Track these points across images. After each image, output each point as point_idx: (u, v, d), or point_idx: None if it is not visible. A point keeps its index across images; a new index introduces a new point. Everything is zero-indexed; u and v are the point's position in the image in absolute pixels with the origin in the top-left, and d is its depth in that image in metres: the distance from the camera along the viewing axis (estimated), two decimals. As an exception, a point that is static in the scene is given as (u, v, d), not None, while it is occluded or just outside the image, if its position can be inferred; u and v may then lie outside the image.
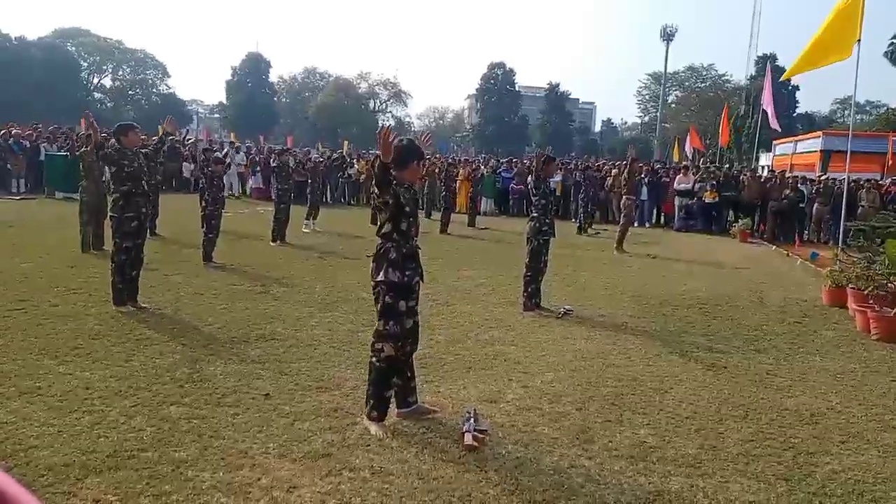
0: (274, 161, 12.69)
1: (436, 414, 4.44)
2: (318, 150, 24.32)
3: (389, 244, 4.16)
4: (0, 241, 10.19)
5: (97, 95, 64.53)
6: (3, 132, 19.90)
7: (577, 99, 79.14)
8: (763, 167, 27.09)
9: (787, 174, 19.75)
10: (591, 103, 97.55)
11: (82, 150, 10.22)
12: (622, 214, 13.80)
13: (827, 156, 21.05)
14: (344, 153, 24.41)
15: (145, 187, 6.82)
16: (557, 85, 67.37)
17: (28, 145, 19.15)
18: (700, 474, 3.82)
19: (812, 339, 7.16)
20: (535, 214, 7.70)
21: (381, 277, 4.15)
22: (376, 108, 71.93)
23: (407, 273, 4.19)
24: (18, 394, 4.43)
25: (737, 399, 5.12)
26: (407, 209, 4.20)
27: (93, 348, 5.43)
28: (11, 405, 4.23)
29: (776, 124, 22.74)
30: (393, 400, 4.35)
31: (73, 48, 60.96)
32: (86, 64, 62.86)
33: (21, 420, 4.01)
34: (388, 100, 71.83)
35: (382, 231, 4.20)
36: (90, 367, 4.98)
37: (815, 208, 17.76)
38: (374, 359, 4.26)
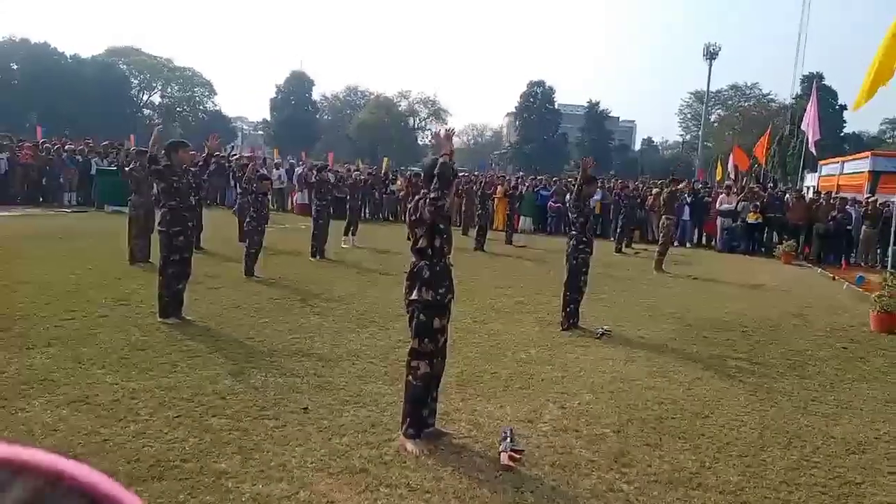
0: (314, 177, 12.84)
1: (451, 436, 4.40)
2: (357, 167, 24.62)
3: (423, 262, 4.20)
4: (51, 253, 10.54)
5: (146, 112, 66.51)
6: (56, 147, 20.65)
7: (618, 117, 78.76)
8: (808, 188, 26.49)
9: (834, 195, 19.28)
10: (632, 121, 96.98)
11: (132, 165, 10.53)
12: (660, 234, 13.64)
13: (876, 177, 20.46)
14: (384, 170, 24.69)
15: (192, 202, 6.99)
16: (597, 103, 67.15)
17: (80, 160, 19.80)
18: (741, 502, 3.75)
19: (859, 365, 6.96)
20: (574, 233, 7.69)
21: (414, 296, 4.19)
22: (416, 125, 72.58)
23: (440, 291, 4.21)
24: (67, 402, 4.57)
25: (780, 425, 5.00)
26: (441, 226, 4.23)
27: (139, 359, 5.58)
28: (60, 412, 4.37)
29: (814, 147, 22.20)
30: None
31: (125, 66, 63.02)
32: (136, 81, 64.91)
33: (69, 427, 4.14)
34: (428, 117, 72.43)
35: (417, 247, 4.23)
36: (136, 378, 5.11)
37: (862, 231, 17.27)
38: (410, 377, 4.28)
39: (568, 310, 7.65)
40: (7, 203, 17.69)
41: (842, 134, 50.97)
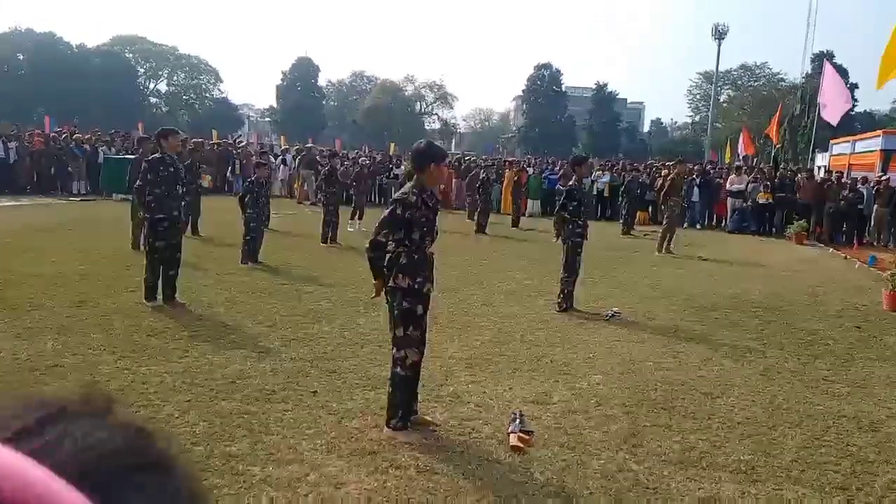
0: (324, 166, 12.86)
1: (435, 426, 4.25)
2: (364, 153, 24.60)
3: (400, 249, 4.07)
4: (60, 241, 10.59)
5: (153, 100, 66.49)
6: (64, 136, 20.69)
7: (625, 99, 78.02)
8: (819, 168, 26.24)
9: (845, 175, 19.09)
10: (640, 103, 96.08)
11: (138, 154, 10.53)
12: (665, 217, 13.54)
13: (887, 156, 20.22)
14: (390, 155, 24.66)
15: (179, 191, 7.05)
16: (605, 85, 66.51)
17: (88, 149, 19.85)
18: (752, 481, 3.73)
19: (872, 344, 6.92)
20: (568, 216, 7.68)
21: (391, 283, 4.09)
22: (422, 110, 72.26)
23: (418, 280, 4.08)
24: (78, 388, 4.59)
25: (791, 405, 4.97)
26: (422, 219, 4.09)
27: (149, 344, 5.61)
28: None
29: (833, 117, 21.51)
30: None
31: (130, 55, 62.90)
32: (142, 70, 64.79)
33: (81, 412, 4.16)
34: (434, 102, 72.05)
35: (395, 236, 4.10)
36: (146, 363, 5.14)
37: (874, 210, 17.10)
38: (397, 368, 4.11)
39: (565, 293, 7.64)
40: (16, 192, 17.78)
41: (853, 113, 50.37)
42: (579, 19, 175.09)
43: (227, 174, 22.08)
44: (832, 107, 20.70)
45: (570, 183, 8.01)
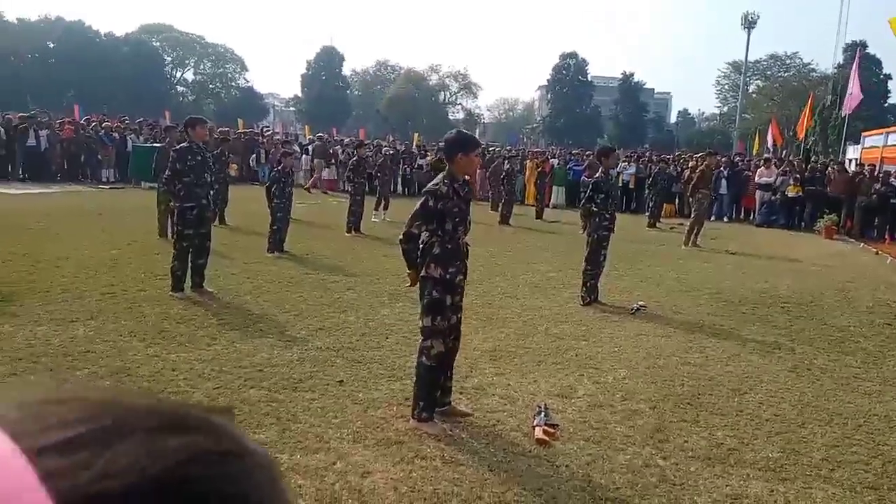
0: (352, 156, 12.93)
1: (468, 417, 4.29)
2: (388, 143, 24.65)
3: (434, 239, 4.07)
4: (90, 228, 10.77)
5: (179, 89, 67.11)
6: (93, 124, 20.98)
7: (652, 89, 77.16)
8: (851, 160, 25.74)
9: (878, 168, 18.69)
10: (667, 93, 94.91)
11: (164, 143, 10.63)
12: (692, 209, 13.37)
13: (922, 149, 19.80)
14: (415, 145, 24.68)
15: (208, 179, 7.07)
16: (632, 75, 65.79)
17: (117, 137, 20.11)
18: (781, 479, 3.69)
19: (904, 342, 6.79)
20: (595, 209, 7.59)
21: (423, 273, 4.09)
22: (446, 100, 72.08)
23: (451, 270, 4.08)
24: (110, 373, 4.68)
25: (821, 403, 4.91)
26: (455, 210, 4.09)
27: (178, 332, 5.68)
28: (103, 384, 4.47)
29: (850, 108, 21.07)
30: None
31: (157, 43, 63.49)
32: (169, 59, 65.40)
33: (113, 398, 4.23)
34: (459, 92, 71.87)
35: (428, 227, 4.10)
36: (176, 350, 5.21)
37: (907, 204, 16.75)
38: (423, 358, 4.12)
39: (588, 285, 7.57)
40: (47, 180, 18.08)
41: (886, 104, 49.23)
42: (606, 8, 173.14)
43: (251, 163, 22.25)
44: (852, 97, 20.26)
45: (597, 175, 7.92)
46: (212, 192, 7.32)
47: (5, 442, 0.32)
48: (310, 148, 23.68)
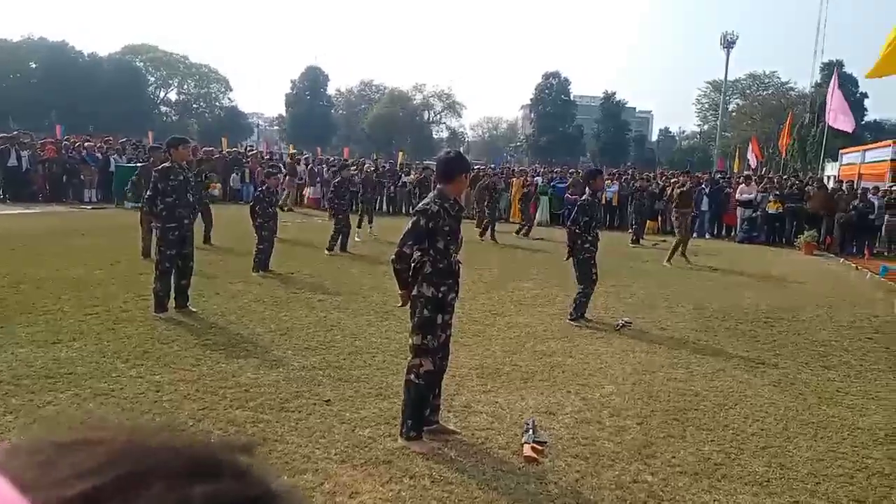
0: (336, 176, 12.99)
1: (455, 435, 4.29)
2: (372, 161, 24.79)
3: (425, 258, 4.06)
4: (74, 248, 10.66)
5: (163, 109, 66.98)
6: (77, 144, 20.86)
7: (634, 108, 78.05)
8: (829, 177, 26.15)
9: (855, 184, 19.01)
10: (648, 112, 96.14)
11: (147, 163, 10.58)
12: (675, 229, 13.40)
13: (898, 165, 20.15)
14: (399, 163, 24.78)
15: (189, 199, 7.05)
16: (613, 94, 66.55)
17: (100, 157, 19.99)
18: (768, 493, 3.72)
19: (884, 356, 6.87)
20: (578, 231, 7.61)
21: (415, 291, 4.08)
22: (430, 119, 72.48)
23: (442, 289, 4.08)
24: (93, 395, 4.62)
25: (805, 417, 4.95)
26: (446, 228, 4.09)
27: (162, 352, 5.63)
28: (86, 406, 4.42)
29: (847, 126, 20.95)
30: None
31: (141, 63, 63.43)
32: (153, 78, 65.34)
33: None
34: (443, 111, 72.33)
35: (419, 246, 4.09)
36: (160, 371, 5.16)
37: (885, 220, 17.03)
38: (412, 376, 4.10)
39: (577, 302, 7.58)
40: (29, 200, 17.91)
41: (863, 122, 50.14)
42: (588, 28, 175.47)
43: (231, 182, 22.08)
44: (844, 115, 20.46)
45: (584, 197, 7.93)
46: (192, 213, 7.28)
47: (14, 496, 0.29)
48: (281, 165, 23.66)
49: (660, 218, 19.50)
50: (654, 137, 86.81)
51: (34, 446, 0.32)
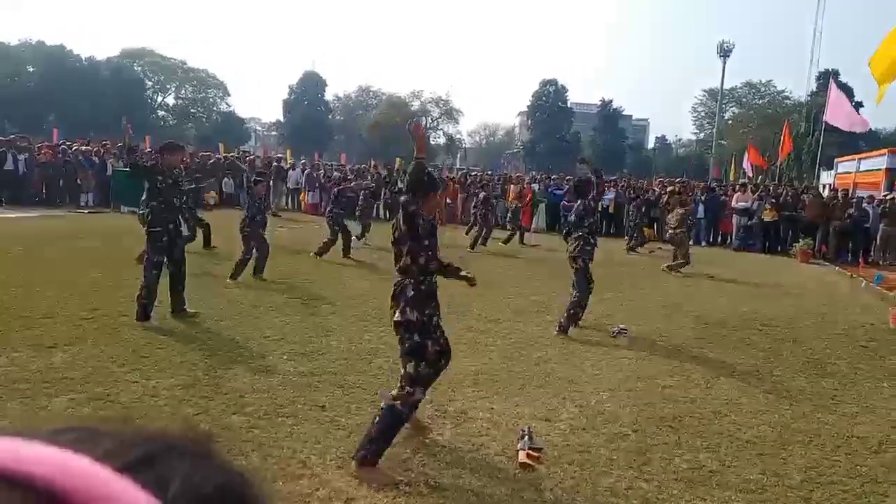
0: (337, 187, 13.18)
1: (429, 431, 4.35)
2: (371, 168, 24.81)
3: (407, 281, 3.90)
4: (71, 253, 10.65)
5: (161, 113, 66.87)
6: (74, 149, 20.83)
7: (631, 115, 78.30)
8: (824, 186, 26.27)
9: (851, 193, 19.09)
10: (645, 120, 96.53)
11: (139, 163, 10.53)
12: (677, 251, 13.07)
13: (893, 174, 20.26)
14: (396, 169, 24.76)
15: (176, 203, 7.03)
16: (610, 101, 66.82)
17: (97, 161, 19.97)
18: (762, 500, 3.73)
19: (879, 364, 6.90)
20: (580, 234, 7.51)
21: (398, 317, 3.88)
22: (428, 125, 72.53)
23: (427, 312, 3.90)
24: (89, 400, 4.62)
25: (799, 425, 4.97)
26: (426, 242, 3.89)
27: (158, 357, 5.63)
28: (82, 411, 4.42)
29: (857, 125, 20.66)
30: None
31: (139, 68, 63.36)
32: (150, 83, 65.24)
33: (92, 425, 4.17)
34: (440, 117, 72.37)
35: (400, 265, 3.93)
36: (156, 376, 5.16)
37: (880, 228, 17.10)
38: (398, 403, 3.81)
39: (571, 312, 7.39)
40: (26, 204, 17.89)
41: (857, 131, 50.37)
42: (585, 36, 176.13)
43: (223, 187, 21.99)
44: (845, 117, 20.39)
45: (580, 204, 7.85)
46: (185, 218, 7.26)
47: (97, 467, 0.35)
48: (293, 173, 23.74)
49: (656, 225, 19.51)
50: (651, 145, 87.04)
51: (80, 432, 0.39)
